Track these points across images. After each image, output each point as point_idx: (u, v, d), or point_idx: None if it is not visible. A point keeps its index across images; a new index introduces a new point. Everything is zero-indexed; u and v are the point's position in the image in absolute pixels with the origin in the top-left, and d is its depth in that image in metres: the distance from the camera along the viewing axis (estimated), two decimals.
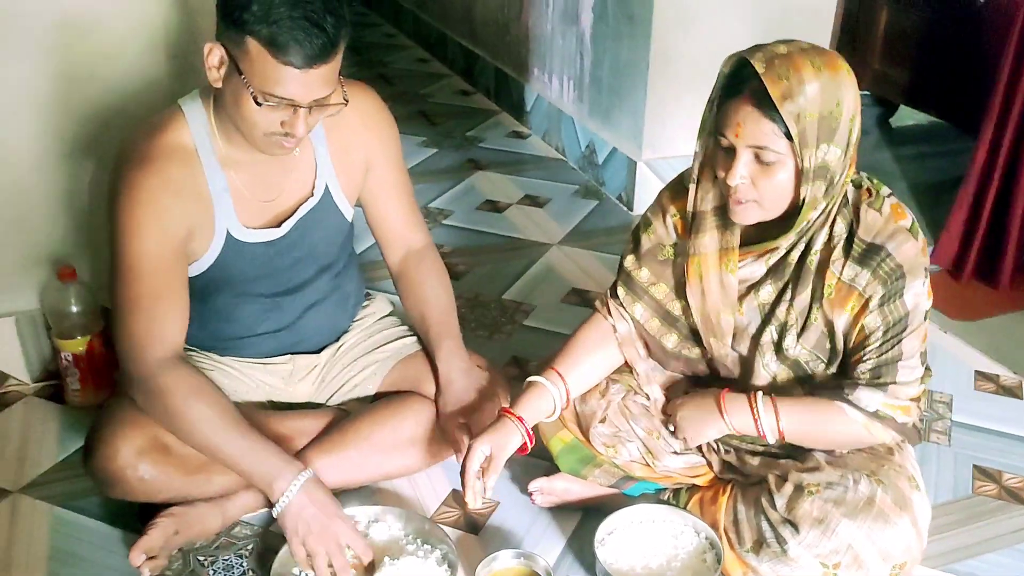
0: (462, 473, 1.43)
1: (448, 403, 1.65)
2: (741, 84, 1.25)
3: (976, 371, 2.13)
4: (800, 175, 1.27)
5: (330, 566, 1.45)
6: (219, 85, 1.40)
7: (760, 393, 1.43)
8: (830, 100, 1.23)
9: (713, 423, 1.45)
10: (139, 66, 1.85)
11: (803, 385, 1.44)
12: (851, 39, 3.65)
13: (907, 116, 3.90)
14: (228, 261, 1.56)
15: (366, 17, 6.01)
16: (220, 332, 1.65)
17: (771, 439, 1.43)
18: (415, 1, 5.23)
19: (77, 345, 1.88)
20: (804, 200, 1.28)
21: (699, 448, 1.55)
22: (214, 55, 1.37)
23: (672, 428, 1.52)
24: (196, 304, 1.57)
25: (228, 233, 1.53)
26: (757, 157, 1.27)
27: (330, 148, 1.61)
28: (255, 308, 1.64)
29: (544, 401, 1.51)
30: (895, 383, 1.37)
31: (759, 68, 1.22)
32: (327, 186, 1.61)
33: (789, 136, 1.23)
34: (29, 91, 1.79)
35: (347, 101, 1.43)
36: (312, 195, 1.60)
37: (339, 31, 1.33)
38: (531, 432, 1.47)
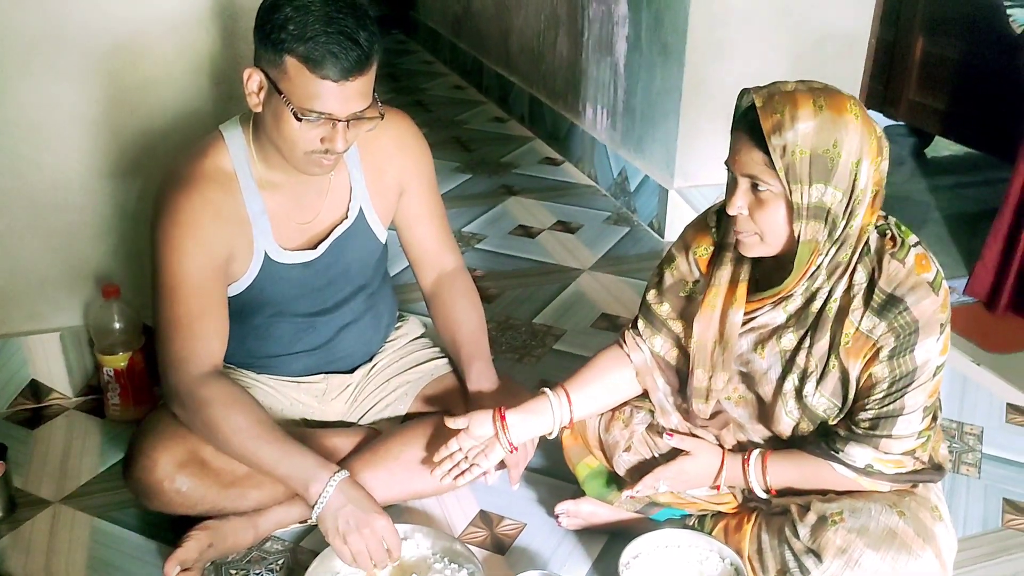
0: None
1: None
2: (745, 116, 1.28)
3: (1008, 404, 2.11)
4: (791, 210, 1.27)
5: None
6: (259, 109, 1.45)
7: (756, 452, 1.47)
8: (825, 140, 1.23)
9: (703, 482, 1.51)
10: (184, 92, 1.92)
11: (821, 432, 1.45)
12: (886, 68, 3.66)
13: (942, 147, 3.89)
14: (265, 282, 1.60)
15: (404, 44, 6.12)
16: (257, 350, 1.70)
17: (760, 495, 1.47)
18: (452, 30, 5.32)
19: (119, 361, 1.93)
20: (799, 238, 1.29)
21: None
22: (253, 80, 1.42)
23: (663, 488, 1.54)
24: (234, 323, 1.61)
25: (266, 255, 1.58)
26: (754, 188, 1.29)
27: (364, 171, 1.65)
28: (291, 328, 1.68)
29: (540, 407, 1.54)
30: (889, 436, 1.36)
31: (758, 102, 1.25)
32: (361, 208, 1.65)
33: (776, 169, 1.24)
34: (78, 113, 1.86)
35: (383, 115, 1.47)
36: (347, 217, 1.64)
37: (372, 44, 1.38)
38: (504, 416, 1.52)
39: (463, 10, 5.06)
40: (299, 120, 1.39)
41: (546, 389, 1.56)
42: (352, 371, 1.78)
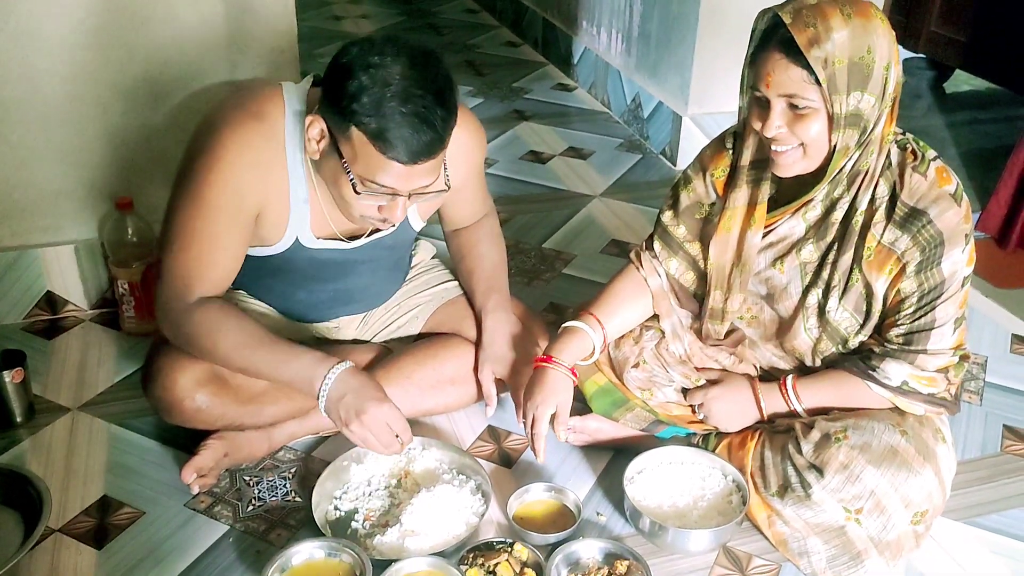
0: (532, 436, 1.50)
1: (488, 359, 1.69)
2: (771, 36, 1.27)
3: (1014, 335, 2.12)
4: (832, 121, 1.27)
5: None
6: (316, 158, 1.39)
7: (790, 378, 1.49)
8: (860, 46, 1.23)
9: (748, 414, 1.53)
10: (195, 4, 1.89)
11: (840, 348, 1.47)
12: None
13: (962, 81, 3.81)
14: (290, 257, 1.57)
15: None
16: (272, 304, 1.70)
17: (803, 416, 1.49)
18: None
19: (133, 274, 1.95)
20: (835, 147, 1.29)
21: None
22: (314, 128, 1.35)
23: (703, 416, 1.57)
24: (249, 277, 1.59)
25: (297, 239, 1.54)
26: (791, 107, 1.28)
27: None
28: (309, 294, 1.67)
29: (584, 346, 1.55)
30: (925, 351, 1.38)
31: (786, 18, 1.23)
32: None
33: (819, 82, 1.24)
34: (91, 24, 1.84)
35: (448, 187, 1.41)
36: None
37: (448, 125, 1.31)
38: (575, 373, 1.53)
39: None
40: (357, 192, 1.33)
41: (579, 324, 1.54)
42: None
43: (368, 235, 1.58)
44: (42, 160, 1.93)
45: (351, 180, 1.33)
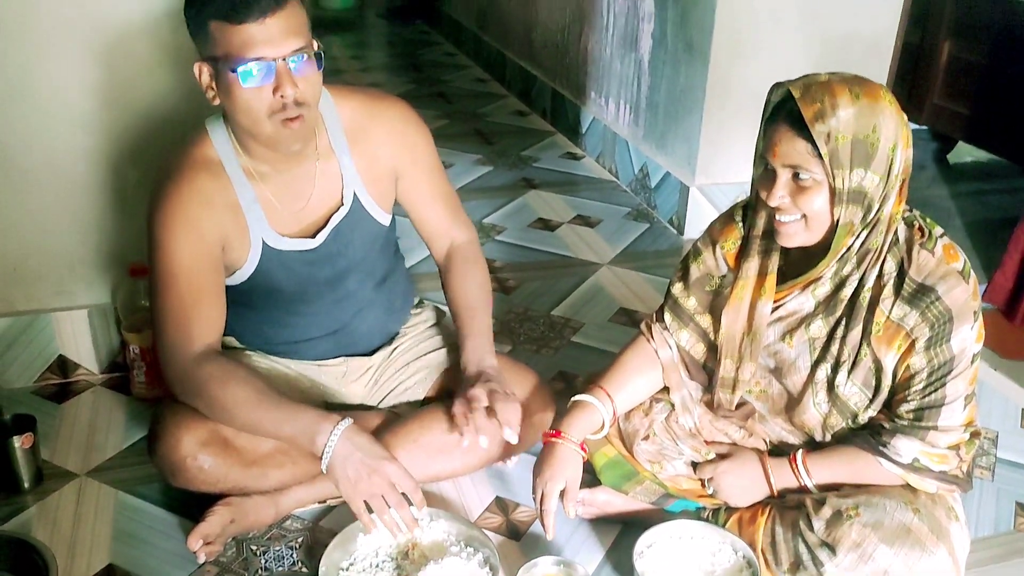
0: (542, 512, 1.50)
1: (462, 389, 1.64)
2: (782, 109, 1.31)
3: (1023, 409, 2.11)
4: (834, 195, 1.30)
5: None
6: (217, 101, 1.47)
7: (800, 453, 1.48)
8: (865, 125, 1.26)
9: (758, 489, 1.52)
10: (182, 76, 1.93)
11: (850, 423, 1.47)
12: (911, 72, 3.64)
13: (965, 153, 3.86)
14: (268, 269, 1.61)
15: (427, 36, 6.14)
16: (274, 337, 1.72)
17: (813, 492, 1.48)
18: (476, 22, 5.33)
19: (144, 339, 1.96)
20: (838, 222, 1.31)
21: None
22: (203, 74, 1.45)
23: (712, 491, 1.56)
24: (248, 312, 1.63)
25: (264, 243, 1.58)
26: (796, 178, 1.31)
27: (354, 158, 1.63)
28: (304, 317, 1.69)
29: (594, 420, 1.55)
30: (936, 428, 1.38)
31: (795, 93, 1.28)
32: (355, 194, 1.65)
33: (821, 156, 1.27)
34: (104, 94, 1.88)
35: (322, 54, 1.45)
36: (342, 204, 1.64)
37: None
38: (585, 449, 1.53)
39: (487, 2, 5.07)
40: (235, 72, 1.39)
41: (589, 399, 1.55)
42: (371, 353, 1.80)
43: (326, 226, 1.62)
44: (59, 227, 1.96)
45: (233, 72, 1.39)
